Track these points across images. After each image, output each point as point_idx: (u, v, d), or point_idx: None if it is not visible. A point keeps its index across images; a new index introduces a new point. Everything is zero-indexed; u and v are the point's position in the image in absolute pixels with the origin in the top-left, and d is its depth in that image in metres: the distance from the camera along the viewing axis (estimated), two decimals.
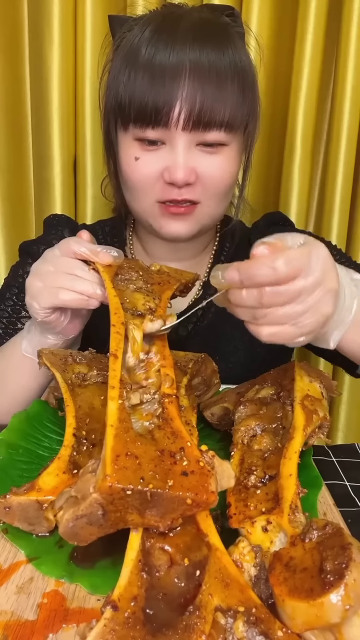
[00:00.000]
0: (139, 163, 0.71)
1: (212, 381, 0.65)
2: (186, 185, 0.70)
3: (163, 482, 0.39)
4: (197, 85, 0.67)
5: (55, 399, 0.65)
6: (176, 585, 0.38)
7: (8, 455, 0.56)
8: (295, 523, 0.42)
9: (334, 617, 0.34)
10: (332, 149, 1.08)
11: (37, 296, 0.61)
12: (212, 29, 0.72)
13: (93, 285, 0.59)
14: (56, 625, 0.39)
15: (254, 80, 0.76)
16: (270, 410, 0.55)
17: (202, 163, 0.70)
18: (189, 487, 0.40)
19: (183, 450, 0.42)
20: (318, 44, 1.04)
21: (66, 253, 0.61)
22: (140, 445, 0.41)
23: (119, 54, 0.72)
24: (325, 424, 0.54)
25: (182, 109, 0.67)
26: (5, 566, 0.44)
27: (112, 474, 0.38)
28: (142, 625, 0.35)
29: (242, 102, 0.71)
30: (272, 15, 1.06)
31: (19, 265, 0.88)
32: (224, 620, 0.35)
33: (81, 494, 0.39)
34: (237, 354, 0.84)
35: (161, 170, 0.70)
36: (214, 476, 0.42)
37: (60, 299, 0.59)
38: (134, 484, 0.38)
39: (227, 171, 0.73)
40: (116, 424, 0.42)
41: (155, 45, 0.68)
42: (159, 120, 0.67)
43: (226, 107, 0.68)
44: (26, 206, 1.21)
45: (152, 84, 0.67)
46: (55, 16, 1.07)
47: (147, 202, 0.74)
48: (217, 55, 0.69)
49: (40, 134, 1.14)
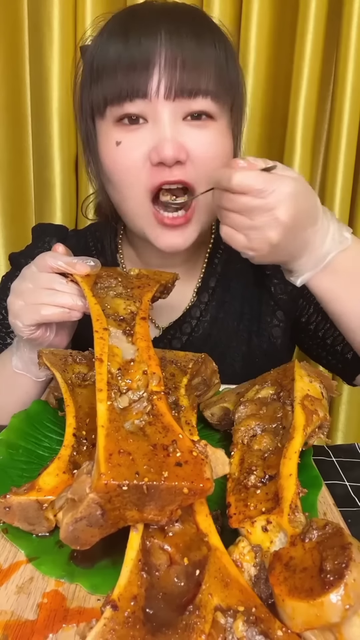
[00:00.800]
0: (120, 148, 0.66)
1: (212, 381, 0.65)
2: (177, 164, 0.64)
3: (158, 474, 0.39)
4: (176, 51, 0.62)
5: (55, 399, 0.65)
6: (176, 585, 0.38)
7: (8, 455, 0.56)
8: (295, 523, 0.42)
9: (333, 617, 0.34)
10: (332, 149, 1.08)
11: (20, 315, 0.61)
12: (185, 7, 0.70)
13: (73, 297, 0.59)
14: (56, 625, 0.39)
15: (235, 54, 0.72)
16: (270, 410, 0.55)
17: (191, 138, 0.65)
18: (184, 477, 0.40)
19: (175, 442, 0.43)
20: (318, 44, 1.04)
21: (43, 268, 0.61)
22: (133, 442, 0.42)
23: (87, 61, 0.69)
24: (325, 424, 0.54)
25: (161, 77, 0.62)
26: (5, 566, 0.44)
27: (107, 471, 0.38)
28: (142, 625, 0.35)
29: (225, 68, 0.66)
30: (272, 15, 1.06)
31: (7, 278, 0.87)
32: (224, 620, 0.35)
33: (78, 496, 0.39)
34: (234, 365, 0.82)
35: (147, 152, 0.65)
36: (208, 464, 0.42)
37: (42, 314, 0.60)
38: (129, 479, 0.38)
39: (219, 148, 0.67)
40: (107, 424, 0.42)
41: (130, 14, 0.66)
42: (137, 91, 0.62)
43: (210, 73, 0.64)
44: (26, 206, 1.21)
45: (125, 60, 0.62)
46: (55, 16, 1.07)
47: (137, 197, 0.68)
48: (193, 22, 0.65)
49: (40, 134, 1.15)
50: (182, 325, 0.82)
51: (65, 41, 1.09)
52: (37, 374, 0.69)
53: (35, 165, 1.18)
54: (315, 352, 0.86)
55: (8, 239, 1.19)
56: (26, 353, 0.68)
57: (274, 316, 0.84)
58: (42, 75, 1.11)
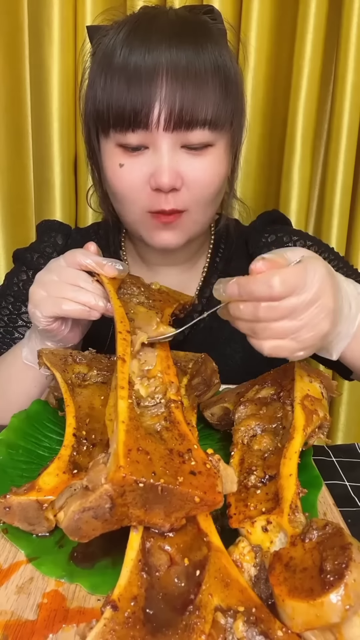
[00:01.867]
0: (124, 170, 0.69)
1: (212, 381, 0.65)
2: (173, 191, 0.68)
3: (174, 478, 0.40)
4: (176, 85, 0.65)
5: (55, 399, 0.65)
6: (176, 585, 0.38)
7: (8, 455, 0.56)
8: (295, 523, 0.42)
9: (334, 617, 0.34)
10: (332, 148, 1.08)
11: (40, 305, 0.62)
12: (189, 26, 0.70)
13: (95, 297, 0.59)
14: (56, 625, 0.39)
15: (237, 77, 0.73)
16: (270, 410, 0.55)
17: (187, 166, 0.68)
18: (198, 486, 0.40)
19: (190, 451, 0.43)
20: (318, 44, 1.04)
21: (71, 264, 0.62)
22: (151, 443, 0.42)
23: (96, 60, 0.71)
24: (325, 424, 0.54)
25: (161, 109, 0.65)
26: (5, 566, 0.44)
27: (126, 465, 0.38)
28: (142, 625, 0.35)
29: (224, 100, 0.68)
30: (272, 15, 1.06)
31: (13, 273, 0.88)
32: (224, 620, 0.35)
33: (92, 484, 0.39)
34: (236, 356, 0.84)
35: (147, 177, 0.68)
36: (220, 478, 0.42)
37: (62, 309, 0.60)
38: (146, 477, 0.38)
39: (215, 174, 0.71)
40: (127, 421, 0.43)
41: (130, 46, 0.67)
42: (139, 122, 0.66)
43: (208, 104, 0.66)
44: (26, 206, 1.21)
45: (129, 86, 0.65)
46: (55, 16, 1.07)
47: (136, 212, 0.72)
48: (195, 53, 0.66)
49: (40, 134, 1.14)
50: (184, 319, 0.83)
51: (65, 41, 1.09)
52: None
53: (35, 165, 1.18)
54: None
55: (8, 239, 1.19)
56: (37, 345, 0.68)
57: None
58: (42, 75, 1.11)
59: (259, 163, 1.14)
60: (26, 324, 0.85)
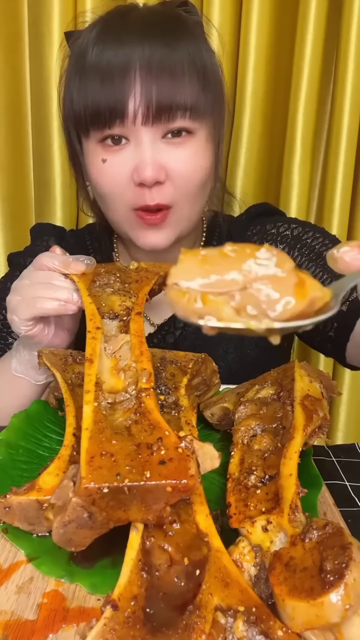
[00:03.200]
0: (106, 166, 0.69)
1: (212, 381, 0.65)
2: (157, 185, 0.68)
3: (140, 474, 0.39)
4: (150, 79, 0.65)
5: (55, 399, 0.65)
6: (176, 585, 0.38)
7: (8, 455, 0.56)
8: (295, 523, 0.42)
9: (334, 617, 0.34)
10: (332, 148, 1.08)
11: (16, 309, 0.62)
12: (162, 20, 0.70)
13: (69, 291, 0.60)
14: (56, 625, 0.39)
15: (215, 67, 0.73)
16: (270, 410, 0.55)
17: (170, 158, 0.68)
18: (167, 475, 0.40)
19: (161, 440, 0.42)
20: (318, 44, 1.04)
21: (40, 267, 0.62)
22: (116, 443, 0.42)
23: (70, 61, 0.71)
24: (325, 424, 0.54)
25: (138, 104, 0.65)
26: (5, 566, 0.44)
27: (87, 475, 0.38)
28: (142, 625, 0.35)
29: (203, 89, 0.68)
30: (272, 15, 1.06)
31: (7, 278, 0.88)
32: (224, 620, 0.35)
33: (62, 501, 0.39)
34: (227, 357, 0.83)
35: (130, 172, 0.68)
36: (193, 460, 0.41)
37: (37, 307, 0.60)
38: (110, 481, 0.38)
39: (197, 165, 0.70)
40: (91, 426, 0.43)
41: (102, 44, 0.66)
42: (115, 118, 0.65)
43: (186, 94, 0.66)
44: (26, 206, 1.21)
45: (103, 84, 0.65)
46: (55, 16, 1.07)
47: (121, 210, 0.72)
48: (168, 46, 0.66)
49: (40, 134, 1.14)
50: (175, 320, 0.83)
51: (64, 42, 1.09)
52: (35, 377, 0.69)
53: (35, 165, 1.18)
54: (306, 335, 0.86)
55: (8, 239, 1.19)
56: (25, 356, 0.68)
57: None
58: (42, 75, 1.11)
59: (259, 163, 1.14)
60: None
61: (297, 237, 0.83)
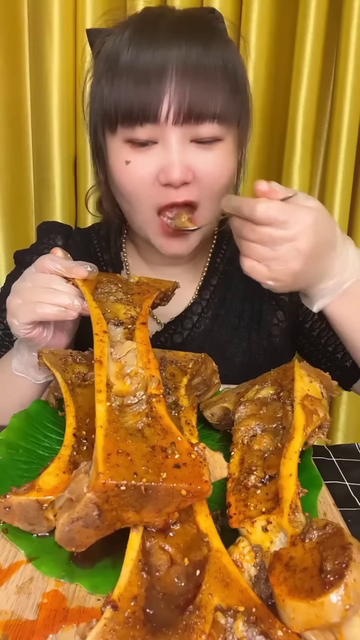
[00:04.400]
0: (130, 166, 0.68)
1: (212, 381, 0.65)
2: (183, 185, 0.68)
3: (156, 475, 0.39)
4: (185, 81, 0.65)
5: (55, 399, 0.65)
6: (176, 585, 0.38)
7: (8, 455, 0.56)
8: (295, 523, 0.42)
9: (334, 617, 0.34)
10: (332, 148, 1.08)
11: (16, 313, 0.62)
12: (196, 24, 0.70)
13: (70, 296, 0.59)
14: (56, 625, 0.39)
15: (245, 75, 0.74)
16: (270, 410, 0.55)
17: (198, 160, 0.68)
18: (183, 478, 0.40)
19: (174, 444, 0.43)
20: (318, 44, 1.04)
21: (42, 270, 0.62)
22: (131, 443, 0.42)
23: (100, 60, 0.71)
24: (325, 424, 0.54)
25: (171, 103, 0.65)
26: (5, 566, 0.44)
27: (105, 471, 0.38)
28: (142, 625, 0.35)
29: (233, 96, 0.69)
30: (272, 15, 1.06)
31: (12, 276, 0.88)
32: (224, 620, 0.35)
33: (75, 495, 0.39)
34: (234, 360, 0.83)
35: (155, 172, 0.68)
36: (206, 466, 0.42)
37: (37, 312, 0.60)
38: (128, 479, 0.38)
39: (225, 167, 0.70)
40: (105, 425, 0.42)
41: (137, 46, 0.66)
42: (147, 116, 0.65)
43: (217, 99, 0.66)
44: (26, 206, 1.22)
45: (137, 86, 0.65)
46: (55, 16, 1.07)
47: (146, 211, 0.71)
48: (204, 50, 0.66)
49: (40, 134, 1.15)
50: (183, 320, 0.83)
51: (65, 41, 1.09)
52: (35, 376, 0.69)
53: (35, 165, 1.18)
54: (315, 358, 0.87)
55: (8, 239, 1.19)
56: (25, 355, 0.68)
57: (274, 315, 0.85)
58: (42, 75, 1.11)
59: (259, 163, 1.14)
60: None
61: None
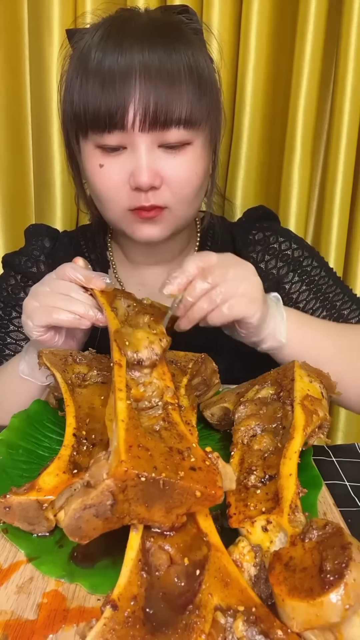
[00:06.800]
0: (104, 170, 0.70)
1: (212, 381, 0.65)
2: (152, 189, 0.69)
3: (174, 472, 0.40)
4: (149, 86, 0.66)
5: (55, 399, 0.65)
6: (176, 585, 0.38)
7: (8, 455, 0.56)
8: (295, 523, 0.42)
9: (333, 617, 0.34)
10: (332, 149, 1.08)
11: (32, 315, 0.63)
12: (161, 27, 0.71)
13: (86, 306, 0.60)
14: (56, 625, 0.39)
15: (211, 75, 0.74)
16: (270, 410, 0.55)
17: (166, 165, 0.69)
18: (199, 480, 0.40)
19: (189, 449, 0.44)
20: (318, 44, 1.04)
21: (62, 277, 0.63)
22: (151, 440, 0.42)
23: (72, 63, 0.72)
24: (325, 424, 0.54)
25: (136, 110, 0.66)
26: (5, 566, 0.44)
27: (127, 459, 0.39)
28: (142, 625, 0.35)
29: (199, 98, 0.69)
30: (272, 15, 1.06)
31: (2, 279, 0.89)
32: (224, 620, 0.35)
33: (94, 480, 0.39)
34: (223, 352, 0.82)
35: (127, 176, 0.69)
36: (219, 474, 0.42)
37: (53, 317, 0.61)
38: (148, 471, 0.39)
39: (193, 172, 0.71)
40: (127, 420, 0.43)
41: (104, 50, 0.67)
42: (115, 123, 0.67)
43: (182, 104, 0.67)
44: (26, 206, 1.21)
45: (103, 89, 0.66)
46: (55, 16, 1.07)
47: (117, 210, 0.73)
48: (166, 53, 0.67)
49: (40, 134, 1.15)
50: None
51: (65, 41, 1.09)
52: (42, 379, 0.71)
53: (35, 165, 1.18)
54: None
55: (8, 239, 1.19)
56: (34, 359, 0.69)
57: None
58: (42, 75, 1.11)
59: (259, 163, 1.14)
60: (18, 328, 0.85)
61: (297, 260, 0.86)
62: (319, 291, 0.85)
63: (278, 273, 0.85)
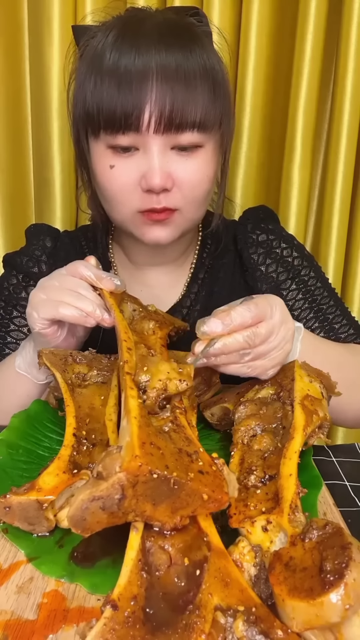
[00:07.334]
0: (114, 172, 0.70)
1: (212, 381, 0.65)
2: (164, 192, 0.69)
3: (185, 473, 0.40)
4: (166, 88, 0.65)
5: (55, 399, 0.65)
6: (176, 585, 0.38)
7: (8, 455, 0.56)
8: (295, 523, 0.42)
9: (333, 617, 0.34)
10: (332, 149, 1.08)
11: (38, 307, 0.63)
12: (177, 29, 0.70)
13: (93, 305, 0.60)
14: (56, 625, 0.39)
15: (225, 79, 0.74)
16: (270, 410, 0.55)
17: (178, 168, 0.69)
18: (207, 484, 0.41)
19: (197, 453, 0.44)
20: (318, 44, 1.04)
21: (73, 274, 0.63)
22: (161, 440, 0.43)
23: (84, 62, 0.71)
24: (325, 424, 0.54)
25: (152, 112, 0.65)
26: (5, 566, 0.44)
27: (141, 455, 0.39)
28: (142, 625, 0.35)
29: (213, 102, 0.69)
30: (272, 15, 1.06)
31: (3, 278, 0.89)
32: (224, 620, 0.35)
33: (106, 472, 0.39)
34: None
35: (138, 178, 0.69)
36: (225, 480, 0.43)
37: (59, 312, 0.61)
38: (161, 469, 0.39)
39: (205, 174, 0.71)
40: (139, 417, 0.43)
41: (120, 50, 0.67)
42: (129, 124, 0.66)
43: (197, 107, 0.67)
44: (26, 206, 1.21)
45: (119, 90, 0.66)
46: (55, 16, 1.07)
47: (126, 212, 0.73)
48: (183, 55, 0.67)
49: (40, 134, 1.14)
50: (173, 314, 0.84)
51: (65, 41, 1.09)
52: (37, 376, 0.70)
53: (35, 165, 1.18)
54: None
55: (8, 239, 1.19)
56: (30, 354, 0.69)
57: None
58: (42, 75, 1.11)
59: (259, 163, 1.14)
60: (18, 328, 0.85)
61: (296, 268, 0.87)
62: (314, 302, 0.85)
63: (277, 278, 0.86)
